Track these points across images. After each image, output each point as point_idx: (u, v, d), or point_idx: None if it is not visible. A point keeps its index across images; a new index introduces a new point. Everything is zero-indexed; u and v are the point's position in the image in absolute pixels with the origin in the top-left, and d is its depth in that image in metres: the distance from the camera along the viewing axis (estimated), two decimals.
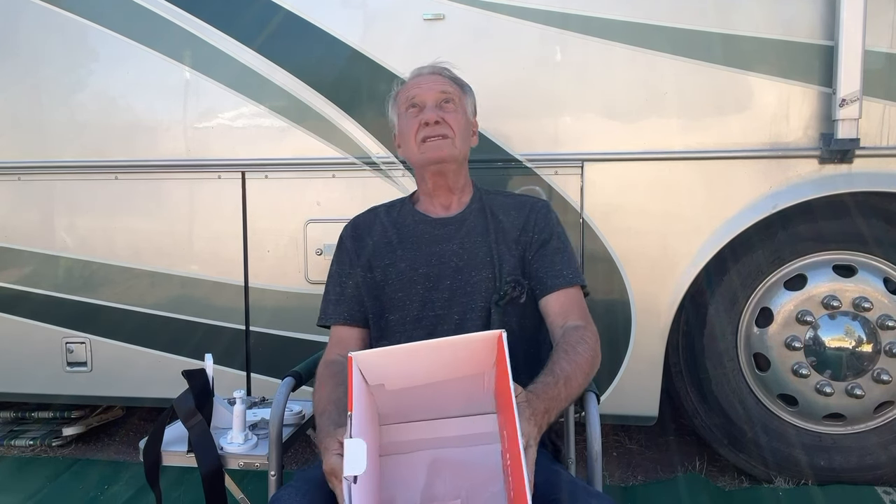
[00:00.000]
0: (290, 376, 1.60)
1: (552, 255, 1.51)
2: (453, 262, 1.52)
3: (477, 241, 1.54)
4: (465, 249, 1.53)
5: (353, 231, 1.63)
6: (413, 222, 1.60)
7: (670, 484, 2.42)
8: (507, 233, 1.54)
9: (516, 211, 1.57)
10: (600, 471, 1.36)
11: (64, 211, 2.56)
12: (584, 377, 1.32)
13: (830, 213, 2.26)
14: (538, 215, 1.56)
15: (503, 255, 1.51)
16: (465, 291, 1.49)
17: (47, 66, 2.52)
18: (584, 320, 1.45)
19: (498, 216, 1.57)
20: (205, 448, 1.55)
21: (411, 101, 1.57)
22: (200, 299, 2.50)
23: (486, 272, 1.50)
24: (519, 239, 1.53)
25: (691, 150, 2.23)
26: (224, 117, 2.44)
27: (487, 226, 1.55)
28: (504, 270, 1.50)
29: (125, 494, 2.42)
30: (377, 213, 1.66)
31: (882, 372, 2.27)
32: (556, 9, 2.23)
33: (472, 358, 1.11)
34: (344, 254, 1.61)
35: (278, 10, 2.36)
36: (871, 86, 2.13)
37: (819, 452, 2.34)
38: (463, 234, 1.55)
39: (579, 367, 1.31)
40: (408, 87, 1.61)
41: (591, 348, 1.37)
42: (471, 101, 1.66)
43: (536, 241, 1.53)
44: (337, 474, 1.11)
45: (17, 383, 2.67)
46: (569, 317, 1.44)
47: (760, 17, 2.17)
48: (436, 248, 1.54)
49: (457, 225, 1.57)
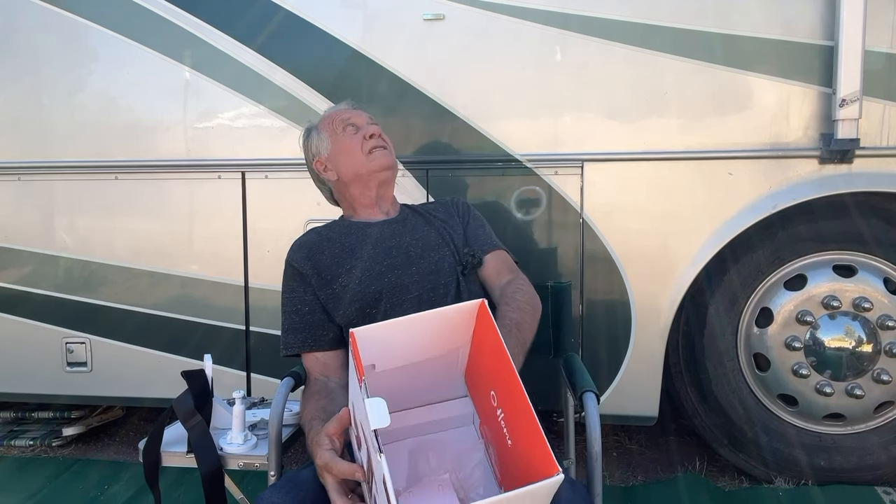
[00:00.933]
0: (289, 376, 1.60)
1: (474, 231, 1.73)
2: (412, 251, 1.64)
3: (424, 230, 1.70)
4: (418, 239, 1.67)
5: (300, 252, 1.65)
6: (359, 229, 1.69)
7: (670, 484, 2.42)
8: (444, 220, 1.74)
9: (442, 207, 1.79)
10: (600, 471, 1.36)
11: (64, 211, 2.56)
12: (532, 318, 1.49)
13: (830, 213, 2.26)
14: (455, 207, 1.79)
15: (452, 234, 1.69)
16: (432, 270, 1.61)
17: (47, 66, 2.53)
18: (513, 273, 1.65)
19: (430, 212, 1.77)
20: (204, 448, 1.55)
21: (348, 122, 1.74)
22: (200, 299, 2.50)
23: (445, 250, 1.65)
24: (455, 220, 1.74)
25: (691, 150, 2.23)
26: (224, 117, 2.44)
27: (428, 219, 1.74)
28: (458, 244, 1.67)
29: (125, 494, 2.43)
30: (318, 232, 1.72)
31: (882, 372, 2.27)
32: (556, 9, 2.23)
33: (452, 332, 1.15)
34: (294, 280, 1.63)
35: (278, 10, 2.36)
36: (871, 86, 2.13)
37: (819, 452, 2.34)
38: (409, 228, 1.70)
39: (523, 311, 1.48)
40: (338, 113, 1.78)
41: (526, 293, 1.55)
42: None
43: (461, 223, 1.74)
44: (330, 469, 1.14)
45: (17, 383, 2.67)
46: (501, 275, 1.64)
47: (760, 17, 2.17)
48: (392, 243, 1.65)
49: (401, 223, 1.72)
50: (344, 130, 1.73)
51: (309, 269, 1.61)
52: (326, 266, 1.61)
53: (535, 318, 1.51)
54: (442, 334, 1.15)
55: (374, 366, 1.14)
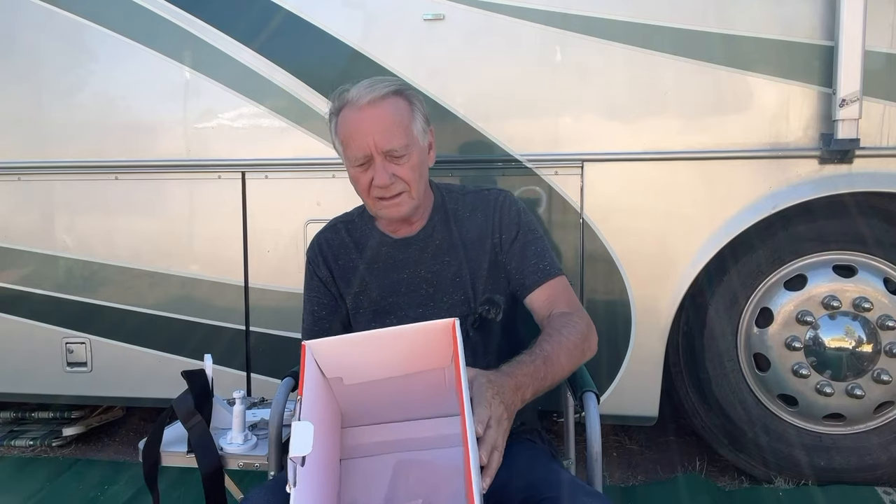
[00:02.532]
0: (289, 376, 1.59)
1: (523, 250, 1.45)
2: (423, 289, 1.46)
3: (445, 260, 1.46)
4: (434, 273, 1.46)
5: (320, 255, 1.53)
6: (377, 244, 1.50)
7: (670, 484, 2.42)
8: (475, 241, 1.47)
9: (482, 213, 1.49)
10: (600, 471, 1.36)
11: (64, 211, 2.56)
12: (569, 357, 1.26)
13: (830, 214, 2.26)
14: (502, 212, 1.47)
15: (475, 270, 1.45)
16: (439, 316, 1.42)
17: (47, 66, 2.52)
18: (570, 307, 1.39)
19: (463, 223, 1.49)
20: (205, 448, 1.55)
21: (359, 151, 1.37)
22: (200, 299, 2.50)
23: (459, 294, 1.44)
24: (489, 242, 1.47)
25: (691, 150, 2.23)
26: (224, 117, 2.44)
27: (453, 239, 1.47)
28: (478, 289, 1.44)
29: (125, 494, 2.42)
30: (338, 231, 1.55)
31: (882, 372, 2.27)
32: (556, 9, 2.23)
33: (430, 350, 1.08)
34: (313, 279, 1.54)
35: (278, 10, 2.36)
36: (871, 86, 2.13)
37: (819, 452, 2.34)
38: (429, 255, 1.47)
39: (562, 346, 1.25)
40: (348, 133, 1.38)
41: (579, 332, 1.30)
42: (420, 116, 1.43)
43: (506, 240, 1.46)
44: None
45: (17, 383, 2.67)
46: (554, 307, 1.39)
47: (760, 18, 2.17)
48: (403, 275, 1.47)
49: (422, 245, 1.48)
50: (353, 159, 1.40)
51: (326, 275, 1.52)
52: (338, 277, 1.51)
53: (573, 358, 1.27)
54: (416, 352, 1.09)
55: (341, 378, 1.10)
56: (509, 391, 1.11)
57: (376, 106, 1.36)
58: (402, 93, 1.41)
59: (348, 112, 1.38)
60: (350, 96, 1.38)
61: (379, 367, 1.10)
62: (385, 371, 1.10)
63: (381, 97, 1.37)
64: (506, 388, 1.11)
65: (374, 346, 1.09)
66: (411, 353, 1.09)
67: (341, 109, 1.40)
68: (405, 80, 1.39)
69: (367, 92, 1.36)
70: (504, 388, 1.10)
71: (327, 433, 1.09)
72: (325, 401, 1.11)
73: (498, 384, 1.10)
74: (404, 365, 1.10)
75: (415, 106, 1.42)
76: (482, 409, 1.03)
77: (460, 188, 1.57)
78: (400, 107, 1.39)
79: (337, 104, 1.41)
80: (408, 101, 1.41)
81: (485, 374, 1.12)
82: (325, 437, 1.05)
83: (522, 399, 1.14)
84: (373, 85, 1.38)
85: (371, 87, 1.37)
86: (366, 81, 1.39)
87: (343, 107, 1.39)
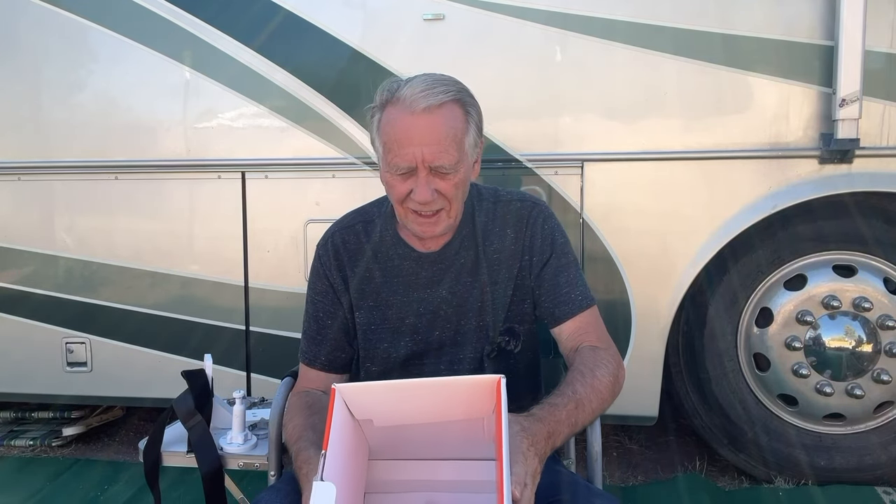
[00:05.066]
0: (289, 376, 1.59)
1: (555, 276, 1.35)
2: (442, 311, 1.36)
3: (467, 282, 1.36)
4: (455, 294, 1.36)
5: (335, 259, 1.40)
6: (398, 256, 1.39)
7: (670, 484, 2.42)
8: (502, 261, 1.37)
9: (513, 230, 1.38)
10: (600, 471, 1.36)
11: (64, 211, 2.56)
12: (600, 402, 1.21)
13: (830, 213, 2.26)
14: (534, 231, 1.37)
15: (498, 296, 1.36)
16: (455, 342, 1.36)
17: (47, 66, 2.52)
18: (602, 343, 1.33)
19: (492, 241, 1.38)
20: (205, 448, 1.55)
21: (401, 157, 1.23)
22: (200, 299, 2.50)
23: (478, 321, 1.36)
24: (517, 265, 1.37)
25: (691, 150, 2.23)
26: (224, 117, 2.44)
27: (479, 260, 1.36)
28: (498, 317, 1.36)
29: (125, 494, 2.42)
30: (356, 232, 1.42)
31: (882, 372, 2.27)
32: (556, 9, 2.23)
33: (468, 402, 1.04)
34: (323, 282, 1.41)
35: (278, 10, 2.36)
36: (871, 86, 2.13)
37: (819, 452, 2.34)
38: (452, 276, 1.37)
39: (595, 391, 1.20)
40: (395, 137, 1.23)
41: (611, 373, 1.24)
42: (474, 128, 1.30)
43: (536, 263, 1.36)
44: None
45: (17, 383, 2.67)
46: (583, 340, 1.32)
47: (761, 18, 2.17)
48: (424, 294, 1.37)
49: (446, 263, 1.37)
50: (394, 167, 1.25)
51: (339, 284, 1.40)
52: (353, 288, 1.39)
53: (603, 403, 1.23)
54: (455, 401, 1.04)
55: (371, 420, 1.06)
56: (542, 440, 1.07)
57: (432, 114, 1.22)
58: (461, 101, 1.26)
59: (398, 113, 1.23)
60: (403, 95, 1.23)
61: (413, 414, 1.06)
62: (419, 417, 1.06)
63: (439, 105, 1.22)
64: (539, 437, 1.07)
65: (410, 394, 1.04)
66: (449, 403, 1.05)
67: (388, 105, 1.25)
68: (463, 84, 1.27)
69: (423, 96, 1.21)
70: (538, 437, 1.07)
71: (349, 467, 1.05)
72: (351, 436, 1.07)
73: (532, 433, 1.06)
74: (441, 413, 1.06)
75: (470, 116, 1.28)
76: (518, 466, 0.99)
77: (493, 193, 1.43)
78: (456, 117, 1.25)
79: (385, 97, 1.26)
80: (465, 111, 1.27)
81: (518, 420, 1.07)
82: (351, 468, 1.01)
83: (553, 446, 1.11)
84: (432, 87, 1.23)
85: (429, 89, 1.22)
86: (422, 80, 1.24)
87: (392, 103, 1.24)
